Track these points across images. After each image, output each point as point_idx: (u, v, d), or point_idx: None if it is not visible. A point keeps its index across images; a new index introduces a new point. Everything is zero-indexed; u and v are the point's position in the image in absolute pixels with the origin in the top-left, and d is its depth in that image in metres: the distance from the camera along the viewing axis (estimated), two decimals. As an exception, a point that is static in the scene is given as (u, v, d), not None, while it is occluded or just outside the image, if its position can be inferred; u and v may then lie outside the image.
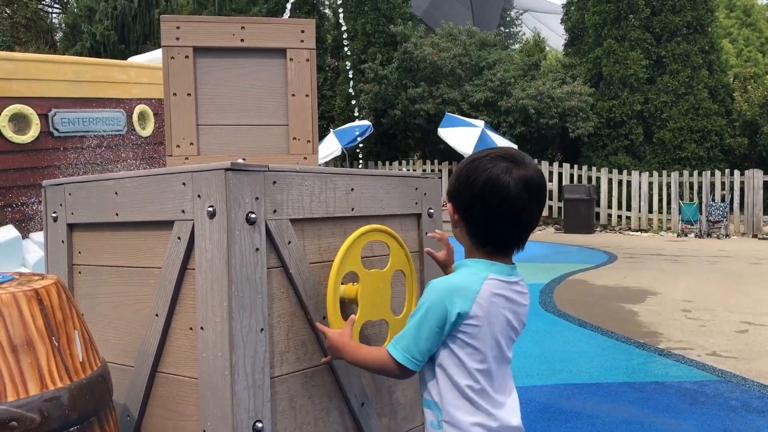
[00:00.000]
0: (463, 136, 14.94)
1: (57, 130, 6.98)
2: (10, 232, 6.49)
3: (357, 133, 16.04)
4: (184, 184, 1.67)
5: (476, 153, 1.57)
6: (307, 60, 2.12)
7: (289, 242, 1.73)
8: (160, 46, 2.29)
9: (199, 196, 1.64)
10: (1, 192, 6.64)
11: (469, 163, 1.53)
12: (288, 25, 2.09)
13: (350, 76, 16.98)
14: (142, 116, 7.88)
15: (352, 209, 1.92)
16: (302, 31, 2.10)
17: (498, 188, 1.46)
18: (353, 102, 17.37)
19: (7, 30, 22.59)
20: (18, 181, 6.68)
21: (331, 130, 17.01)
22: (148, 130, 7.93)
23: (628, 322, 5.79)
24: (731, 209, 14.55)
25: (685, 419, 3.49)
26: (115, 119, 7.55)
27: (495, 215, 1.48)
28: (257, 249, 1.64)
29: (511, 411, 1.55)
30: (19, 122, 6.72)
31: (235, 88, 2.13)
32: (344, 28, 17.14)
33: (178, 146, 2.07)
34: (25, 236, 6.69)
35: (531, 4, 33.17)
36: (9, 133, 6.58)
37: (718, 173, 14.92)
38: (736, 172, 14.71)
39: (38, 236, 6.61)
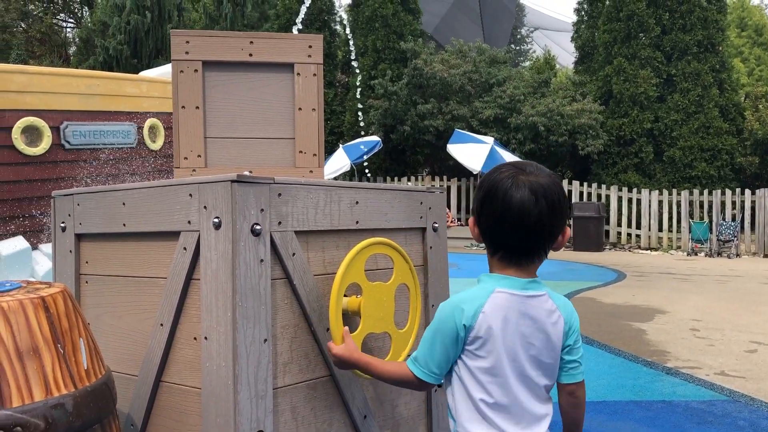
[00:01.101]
0: (472, 152, 14.99)
1: (68, 142, 7.05)
2: (20, 243, 6.54)
3: (364, 148, 16.11)
4: (190, 195, 1.70)
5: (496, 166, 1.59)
6: (315, 75, 2.15)
7: (294, 254, 1.74)
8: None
9: (205, 207, 1.66)
10: (12, 203, 6.71)
11: (484, 176, 1.57)
12: (296, 40, 2.12)
13: (358, 96, 17.08)
14: (153, 130, 7.96)
15: (357, 222, 1.93)
16: (310, 46, 2.13)
17: (501, 191, 1.47)
18: (360, 119, 17.45)
19: (21, 44, 22.90)
20: (29, 192, 6.75)
21: (341, 145, 17.09)
22: (158, 144, 8.01)
23: (636, 341, 5.75)
24: (742, 228, 14.46)
25: (692, 439, 3.46)
26: (126, 132, 7.63)
27: (500, 220, 1.48)
28: (262, 260, 1.66)
29: None
30: (31, 134, 6.80)
31: (243, 101, 2.16)
32: (352, 45, 17.26)
33: (185, 158, 2.10)
34: (34, 247, 6.75)
35: (541, 22, 33.31)
36: (21, 145, 6.66)
37: (728, 192, 14.85)
38: (747, 192, 14.64)
39: (48, 248, 6.66)
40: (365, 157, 16.34)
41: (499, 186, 1.48)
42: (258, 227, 1.64)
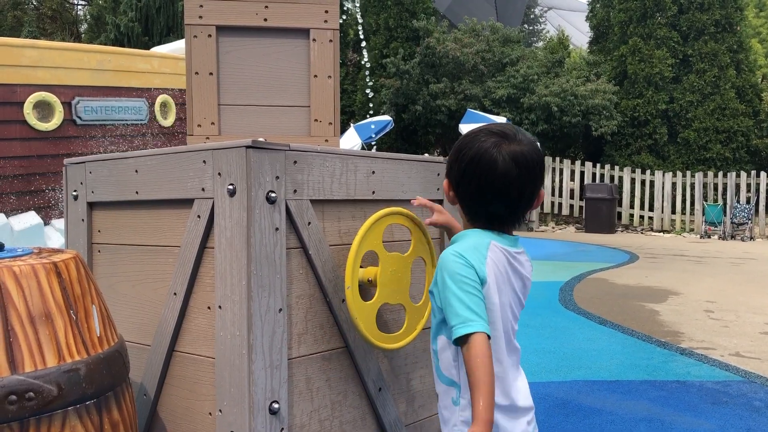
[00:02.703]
0: (484, 132, 14.86)
1: (80, 118, 7.04)
2: (32, 218, 6.56)
3: (375, 128, 16.01)
4: (204, 162, 1.66)
5: (471, 130, 1.54)
6: (331, 41, 2.10)
7: (309, 223, 1.71)
8: (183, 38, 2.28)
9: (219, 174, 1.63)
10: (23, 179, 6.71)
11: (462, 139, 1.53)
12: (312, 5, 2.07)
13: (367, 74, 16.93)
14: (164, 106, 7.93)
15: (373, 192, 1.89)
16: (326, 12, 2.07)
17: (485, 162, 1.45)
18: (370, 98, 17.30)
19: (33, 21, 22.86)
20: (41, 168, 6.76)
21: (352, 124, 17.00)
22: (169, 120, 7.98)
23: (649, 321, 5.71)
24: (756, 211, 14.31)
25: (708, 419, 3.43)
26: (138, 108, 7.60)
27: (484, 190, 1.46)
28: (277, 228, 1.62)
29: (519, 390, 1.51)
30: (43, 110, 6.78)
31: (258, 68, 2.11)
32: (360, 25, 17.08)
33: (199, 125, 2.06)
34: (46, 223, 6.77)
35: (555, 1, 32.88)
36: (33, 120, 6.65)
37: (743, 174, 14.68)
38: (763, 174, 14.47)
39: (60, 223, 6.67)
40: (376, 137, 16.25)
41: (483, 156, 1.45)
42: (273, 195, 1.60)
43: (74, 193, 2.06)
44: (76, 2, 26.84)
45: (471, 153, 1.47)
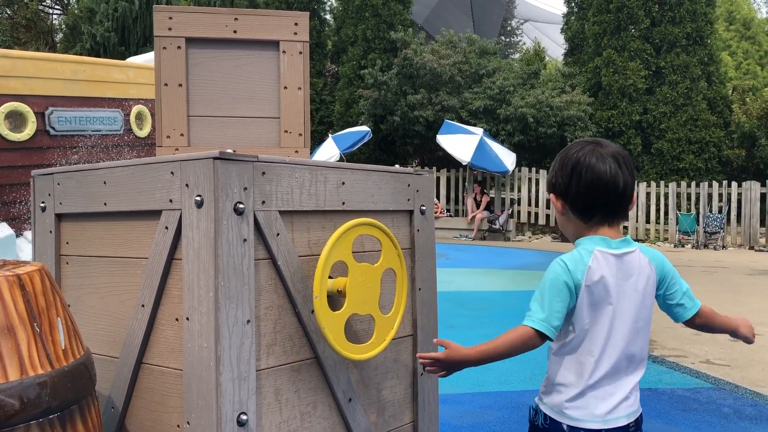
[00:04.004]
0: (461, 143, 14.98)
1: (53, 128, 6.97)
2: (3, 229, 6.46)
3: (354, 138, 16.04)
4: (172, 173, 1.66)
5: (569, 145, 1.75)
6: (300, 53, 2.11)
7: (278, 234, 1.71)
8: None
9: (187, 185, 1.63)
10: (-4, 189, 6.62)
11: (561, 155, 1.73)
12: (281, 18, 2.08)
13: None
14: (140, 116, 7.88)
15: (343, 203, 1.90)
16: (296, 24, 2.09)
17: (589, 166, 1.64)
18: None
19: (7, 30, 22.61)
20: (12, 178, 6.67)
21: (330, 135, 17.02)
22: (145, 131, 7.93)
23: (623, 330, 5.76)
24: (728, 221, 14.55)
25: (678, 425, 3.47)
26: (113, 119, 7.55)
27: (592, 190, 1.64)
28: (245, 240, 1.62)
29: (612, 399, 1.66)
30: (15, 120, 6.71)
31: (227, 79, 2.12)
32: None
33: (168, 137, 2.06)
34: (18, 234, 6.67)
35: (531, 13, 33.28)
36: (5, 131, 6.57)
37: (715, 184, 14.93)
38: (734, 184, 14.72)
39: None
40: (354, 147, 16.28)
41: (586, 161, 1.65)
42: (241, 206, 1.61)
43: (42, 205, 2.05)
44: (51, 11, 26.60)
45: (572, 162, 1.67)
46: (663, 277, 1.74)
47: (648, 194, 15.50)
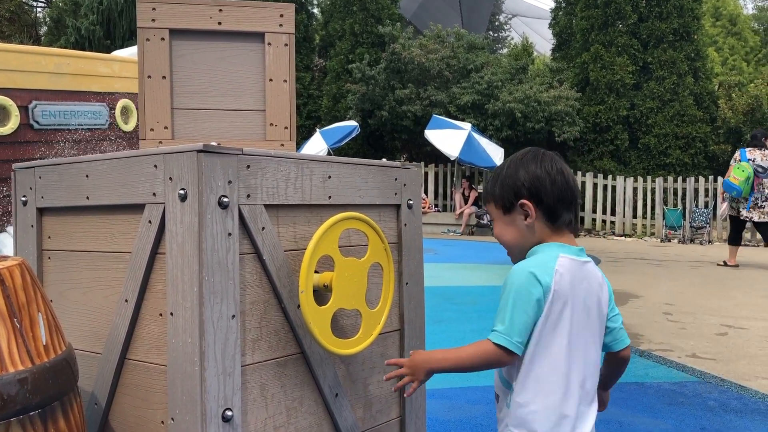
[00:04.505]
0: (449, 138, 14.96)
1: (37, 122, 6.89)
2: (-13, 224, 6.39)
3: (341, 133, 15.99)
4: (155, 166, 1.64)
5: (518, 157, 1.74)
6: (286, 45, 2.09)
7: (263, 228, 1.69)
8: None
9: (170, 178, 1.60)
10: (-21, 184, 6.54)
11: (526, 161, 1.71)
12: (266, 9, 2.05)
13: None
14: (125, 111, 7.80)
15: (329, 197, 1.88)
16: (281, 15, 2.06)
17: (559, 175, 1.68)
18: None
19: (-9, 23, 22.34)
20: (-4, 173, 6.59)
21: (318, 129, 16.96)
22: (130, 125, 7.86)
23: (610, 324, 5.79)
24: (714, 215, 14.65)
25: (664, 419, 3.49)
26: (98, 113, 7.47)
27: (563, 197, 1.68)
28: (230, 234, 1.61)
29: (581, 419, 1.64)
30: (-1, 113, 6.62)
31: (212, 71, 2.09)
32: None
33: (152, 129, 2.03)
34: (1, 230, 6.60)
35: (520, 9, 33.28)
36: (-12, 124, 6.49)
37: (702, 180, 15.02)
38: (720, 179, 14.80)
39: (16, 229, 6.51)
40: (342, 142, 16.23)
41: (553, 171, 1.68)
42: (225, 200, 1.59)
43: (23, 199, 2.02)
44: (35, 4, 26.30)
45: (548, 165, 1.69)
46: (610, 296, 1.74)
47: (635, 189, 15.57)
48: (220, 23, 2.05)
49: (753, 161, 9.25)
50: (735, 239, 9.73)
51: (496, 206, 1.73)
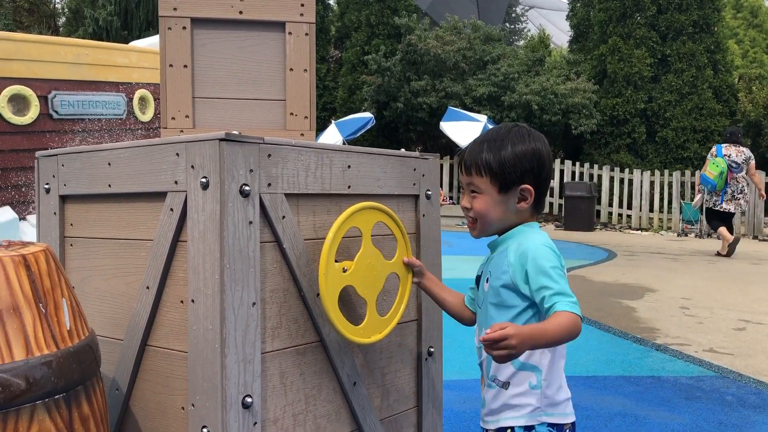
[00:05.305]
0: (465, 130, 14.91)
1: (56, 112, 6.95)
2: (6, 213, 6.47)
3: (357, 125, 15.97)
4: (177, 154, 1.65)
5: (522, 134, 1.69)
6: (307, 34, 2.09)
7: (284, 217, 1.70)
8: None
9: (192, 166, 1.61)
10: (-1, 173, 6.62)
11: (529, 142, 1.67)
12: (287, -2, 2.06)
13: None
14: (143, 101, 7.85)
15: (349, 187, 1.89)
16: (302, 5, 2.06)
17: (548, 159, 1.71)
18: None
19: (9, 14, 22.53)
20: (16, 162, 6.66)
21: (333, 121, 16.97)
22: (148, 115, 7.91)
23: (626, 318, 5.77)
24: (732, 210, 14.49)
25: (681, 413, 3.48)
26: (116, 103, 7.53)
27: (547, 182, 1.72)
28: (251, 222, 1.61)
29: None
30: (18, 103, 6.69)
31: (233, 61, 2.10)
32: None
33: (173, 118, 2.04)
34: (22, 218, 6.68)
35: (536, 0, 33.05)
36: (8, 114, 6.56)
37: (719, 173, 14.86)
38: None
39: (35, 218, 6.58)
40: (357, 134, 16.23)
41: (549, 156, 1.71)
42: (247, 188, 1.60)
43: (46, 186, 2.04)
44: (53, -5, 26.46)
45: (545, 153, 1.68)
46: None
47: (652, 183, 15.45)
48: (241, 12, 2.05)
49: (728, 157, 9.87)
50: (715, 226, 10.34)
51: (492, 183, 1.66)
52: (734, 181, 9.88)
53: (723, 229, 10.02)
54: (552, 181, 16.26)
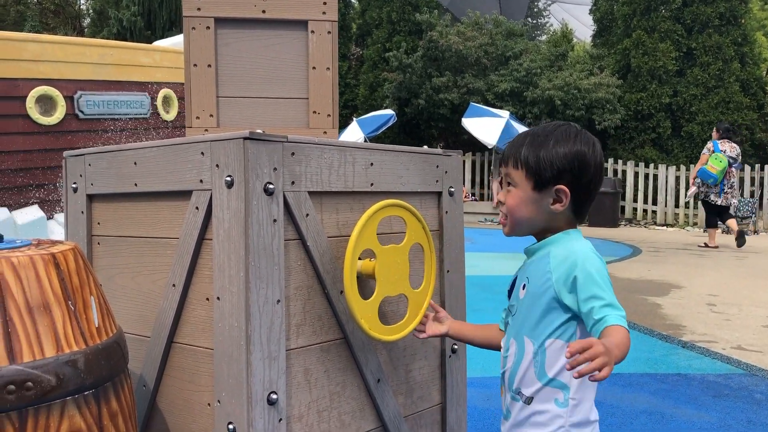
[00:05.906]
0: (487, 126, 14.84)
1: (82, 112, 7.05)
2: (34, 212, 6.58)
3: (378, 122, 15.98)
4: (202, 153, 1.66)
5: (565, 132, 1.60)
6: (329, 32, 2.09)
7: (307, 215, 1.71)
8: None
9: (217, 165, 1.63)
10: (26, 173, 6.73)
11: (575, 143, 1.58)
12: (310, -4, 2.07)
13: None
14: (167, 100, 7.93)
15: (371, 184, 1.89)
16: (324, 3, 2.07)
17: (599, 163, 1.62)
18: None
19: (36, 16, 22.88)
20: (43, 162, 6.77)
21: (354, 118, 16.99)
22: (172, 114, 7.99)
23: (651, 315, 5.71)
24: (760, 205, 14.27)
25: (708, 411, 3.43)
26: (140, 102, 7.61)
27: (596, 187, 1.64)
28: (275, 220, 1.62)
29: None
30: (45, 104, 6.79)
31: (256, 60, 2.11)
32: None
33: (197, 118, 2.06)
34: (49, 217, 6.79)
35: (559, -6, 32.73)
36: (35, 115, 6.66)
37: (747, 168, 14.63)
38: (767, 168, 14.41)
39: (62, 217, 6.69)
40: (379, 131, 16.24)
41: (599, 161, 1.60)
42: (271, 186, 1.61)
43: (74, 186, 2.07)
44: (78, -4, 26.82)
45: (598, 152, 1.61)
46: None
47: (677, 178, 15.25)
48: (264, 11, 2.07)
49: (725, 152, 10.04)
50: (711, 222, 10.65)
51: (527, 177, 1.58)
52: (729, 175, 10.14)
53: (732, 221, 10.42)
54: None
